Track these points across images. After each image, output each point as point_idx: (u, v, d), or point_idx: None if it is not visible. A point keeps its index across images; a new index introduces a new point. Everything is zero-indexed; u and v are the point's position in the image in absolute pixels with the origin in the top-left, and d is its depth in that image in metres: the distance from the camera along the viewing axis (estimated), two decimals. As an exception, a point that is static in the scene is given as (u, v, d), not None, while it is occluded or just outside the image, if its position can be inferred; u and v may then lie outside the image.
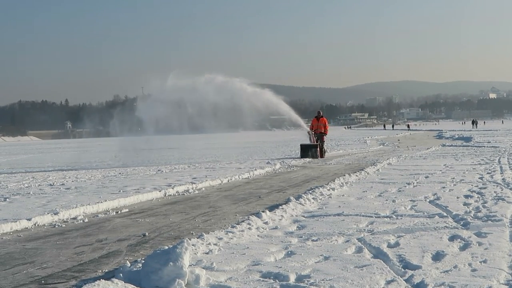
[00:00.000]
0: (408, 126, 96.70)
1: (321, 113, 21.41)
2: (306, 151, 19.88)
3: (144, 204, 9.17)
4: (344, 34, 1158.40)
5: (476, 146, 22.94)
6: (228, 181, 12.45)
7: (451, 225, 6.04)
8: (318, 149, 20.04)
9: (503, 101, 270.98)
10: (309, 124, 21.83)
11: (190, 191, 10.67)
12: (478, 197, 8.01)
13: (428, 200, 7.97)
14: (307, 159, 18.96)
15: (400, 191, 9.15)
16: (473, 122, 73.14)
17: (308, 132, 21.15)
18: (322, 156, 20.12)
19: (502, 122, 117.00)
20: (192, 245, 5.06)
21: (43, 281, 4.55)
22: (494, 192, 8.50)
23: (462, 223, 6.10)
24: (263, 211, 7.03)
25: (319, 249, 5.13)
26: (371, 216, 6.78)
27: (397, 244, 5.20)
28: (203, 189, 11.08)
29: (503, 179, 10.27)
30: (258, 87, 22.30)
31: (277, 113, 24.20)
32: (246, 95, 20.88)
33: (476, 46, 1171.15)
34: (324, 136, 20.89)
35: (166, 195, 10.17)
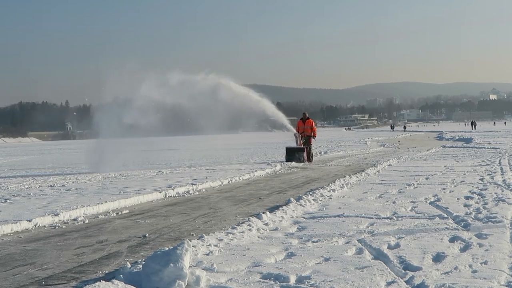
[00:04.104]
0: (405, 127, 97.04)
1: (307, 114, 20.08)
2: (292, 154, 18.65)
3: (145, 205, 9.18)
4: (344, 35, 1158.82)
5: (476, 148, 22.94)
6: (229, 182, 12.45)
7: (452, 227, 6.04)
8: (305, 152, 18.83)
9: (503, 102, 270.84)
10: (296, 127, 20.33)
11: (190, 192, 10.67)
12: (478, 199, 8.01)
13: (428, 201, 7.97)
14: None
15: (400, 192, 9.15)
16: (472, 123, 73.05)
17: (295, 135, 19.78)
18: (309, 160, 18.90)
19: (494, 123, 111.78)
20: (193, 246, 5.06)
21: (43, 282, 4.55)
22: (495, 193, 8.49)
23: (462, 225, 6.10)
24: (263, 213, 7.03)
25: (319, 250, 5.13)
26: (372, 218, 6.78)
27: (397, 246, 5.20)
28: (204, 190, 11.08)
29: (503, 180, 10.27)
30: (255, 88, 21.71)
31: (269, 114, 22.78)
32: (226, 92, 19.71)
33: (476, 47, 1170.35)
34: (312, 139, 19.72)
35: (167, 196, 10.17)
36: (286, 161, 18.31)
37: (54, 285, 4.48)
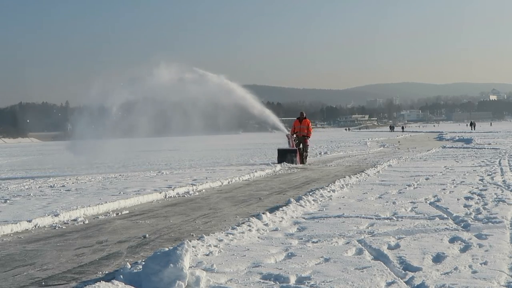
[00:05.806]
0: (403, 128, 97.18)
1: (304, 114, 19.45)
2: (284, 156, 18.04)
3: (145, 206, 9.18)
4: (344, 36, 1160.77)
5: (476, 148, 22.95)
6: (229, 182, 12.45)
7: (452, 227, 6.04)
8: (298, 154, 18.17)
9: (503, 103, 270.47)
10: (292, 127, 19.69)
11: (190, 192, 10.67)
12: (478, 199, 8.01)
13: (428, 202, 7.97)
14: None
15: (400, 192, 9.15)
16: (471, 124, 72.95)
17: (287, 136, 19.14)
18: (302, 162, 18.26)
19: (490, 124, 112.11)
20: (193, 246, 5.06)
21: (43, 283, 4.55)
22: (495, 194, 8.49)
23: (462, 225, 6.11)
24: (263, 213, 7.02)
25: (319, 250, 5.13)
26: (372, 218, 6.78)
27: (397, 246, 5.20)
28: (204, 190, 11.07)
29: (503, 180, 10.27)
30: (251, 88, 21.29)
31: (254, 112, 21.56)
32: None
33: (476, 48, 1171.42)
34: (308, 139, 19.03)
35: (167, 196, 10.17)
36: (278, 162, 17.79)
37: (54, 286, 4.48)
